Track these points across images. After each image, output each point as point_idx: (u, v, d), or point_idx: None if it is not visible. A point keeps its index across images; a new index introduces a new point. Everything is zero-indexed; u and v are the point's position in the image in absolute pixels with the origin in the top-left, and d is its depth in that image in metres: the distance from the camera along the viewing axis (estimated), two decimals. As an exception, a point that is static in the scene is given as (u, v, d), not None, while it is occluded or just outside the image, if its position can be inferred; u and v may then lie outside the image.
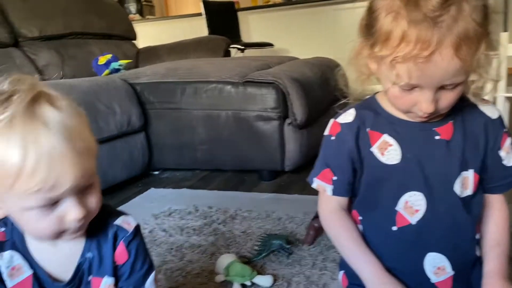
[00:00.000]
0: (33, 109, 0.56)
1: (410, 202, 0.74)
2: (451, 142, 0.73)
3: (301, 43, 4.30)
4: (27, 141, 0.54)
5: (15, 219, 0.63)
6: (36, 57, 2.33)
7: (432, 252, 0.75)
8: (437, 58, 0.60)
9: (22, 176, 0.54)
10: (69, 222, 0.61)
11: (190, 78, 1.96)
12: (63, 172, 0.56)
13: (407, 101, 0.68)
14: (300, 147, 1.88)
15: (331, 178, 0.79)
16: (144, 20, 5.17)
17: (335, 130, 0.79)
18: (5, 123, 0.54)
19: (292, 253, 1.20)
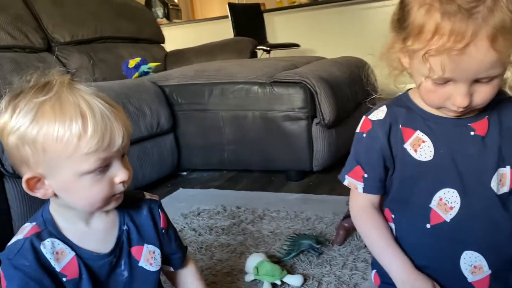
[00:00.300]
0: (73, 86, 0.65)
1: (445, 199, 0.73)
2: (487, 137, 0.72)
3: (328, 43, 4.27)
4: (82, 107, 0.63)
5: (64, 192, 0.67)
6: (67, 61, 2.39)
7: (468, 250, 0.73)
8: (472, 50, 0.59)
9: (84, 137, 0.62)
10: (118, 185, 0.68)
11: (217, 79, 1.98)
12: (114, 130, 0.64)
13: (441, 95, 0.66)
14: (328, 147, 1.86)
15: (362, 175, 0.78)
16: (171, 24, 5.24)
17: (366, 127, 0.78)
18: (55, 100, 0.63)
19: (322, 253, 1.19)
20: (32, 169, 0.65)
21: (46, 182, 0.66)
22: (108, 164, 0.66)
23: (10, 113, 0.64)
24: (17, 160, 0.66)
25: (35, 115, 0.62)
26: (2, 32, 2.10)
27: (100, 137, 0.62)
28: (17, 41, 2.17)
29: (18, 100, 0.64)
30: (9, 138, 0.64)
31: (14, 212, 1.37)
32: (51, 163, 0.64)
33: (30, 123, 0.62)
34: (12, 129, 0.63)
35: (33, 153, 0.63)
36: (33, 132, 0.62)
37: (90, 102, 0.64)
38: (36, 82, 0.66)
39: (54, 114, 0.62)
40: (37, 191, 0.67)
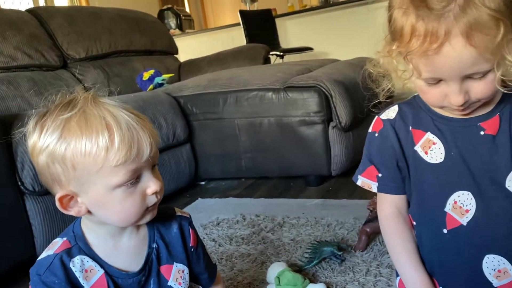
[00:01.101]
0: (97, 100, 0.66)
1: (459, 202, 0.70)
2: (498, 136, 0.68)
3: (341, 45, 4.23)
4: (107, 119, 0.63)
5: (98, 208, 0.66)
6: (83, 77, 2.42)
7: (490, 254, 0.70)
8: (448, 49, 0.58)
9: (112, 149, 0.61)
10: (150, 197, 0.67)
11: (231, 88, 1.97)
12: (141, 141, 0.64)
13: (436, 94, 0.65)
14: (346, 150, 1.84)
15: (375, 175, 0.77)
16: (184, 34, 5.28)
17: (378, 126, 0.77)
18: (80, 115, 0.63)
19: (344, 260, 1.17)
20: (64, 187, 0.65)
21: (79, 200, 0.66)
22: (138, 175, 0.65)
23: (38, 132, 0.64)
24: (49, 180, 0.66)
25: (62, 132, 0.62)
26: (18, 52, 2.14)
27: (127, 148, 0.62)
28: (33, 60, 2.20)
29: (45, 119, 0.64)
30: (39, 157, 0.64)
31: (35, 230, 1.38)
32: (82, 179, 0.64)
33: (58, 140, 0.62)
34: (41, 148, 0.64)
35: (63, 170, 0.63)
36: (62, 149, 0.62)
37: (115, 114, 0.64)
38: (60, 101, 0.66)
39: (80, 129, 0.62)
40: (71, 209, 0.67)
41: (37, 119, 0.66)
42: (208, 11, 7.30)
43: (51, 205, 1.39)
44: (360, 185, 0.80)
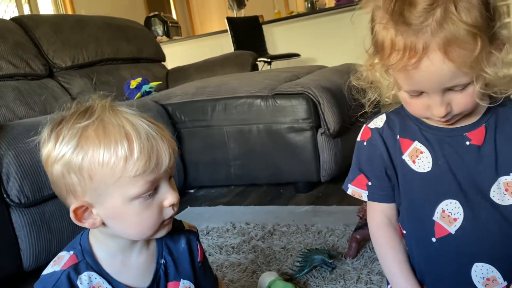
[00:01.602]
0: (115, 108, 0.64)
1: (447, 211, 0.71)
2: (483, 147, 0.69)
3: (328, 51, 4.26)
4: (126, 128, 0.61)
5: (113, 220, 0.64)
6: (69, 85, 2.40)
7: (478, 262, 0.70)
8: (426, 64, 0.58)
9: (131, 159, 0.60)
10: (167, 209, 0.65)
11: (219, 95, 1.97)
12: (161, 151, 0.62)
13: (419, 106, 0.66)
14: (335, 157, 1.84)
15: (365, 183, 0.78)
16: (171, 41, 5.27)
17: (366, 135, 0.78)
18: (98, 123, 0.61)
19: (335, 268, 1.16)
20: (79, 198, 0.63)
21: (94, 211, 0.64)
22: (156, 187, 0.64)
23: (53, 141, 0.62)
24: (63, 190, 0.63)
25: (79, 140, 0.60)
26: (3, 62, 2.11)
27: (147, 158, 0.60)
28: (18, 69, 2.18)
29: (60, 127, 0.62)
30: (54, 167, 0.62)
31: (22, 242, 1.35)
32: (98, 190, 0.61)
33: (74, 149, 0.60)
34: (57, 157, 0.61)
35: (79, 180, 0.61)
36: (78, 159, 0.60)
37: (134, 123, 0.62)
38: (77, 108, 0.64)
39: (98, 138, 0.60)
40: (85, 221, 0.64)
41: (52, 127, 0.64)
42: (195, 18, 7.30)
43: (37, 217, 1.37)
44: (351, 194, 0.81)
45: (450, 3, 0.56)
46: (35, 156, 1.36)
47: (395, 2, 0.59)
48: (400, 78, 0.63)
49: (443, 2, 0.57)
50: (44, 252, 1.39)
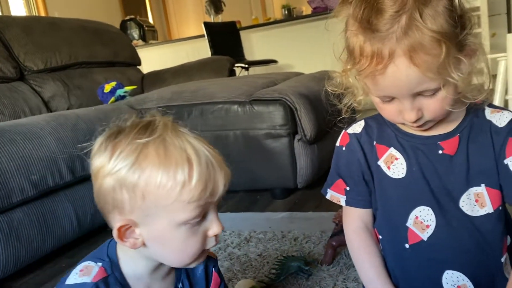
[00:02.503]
0: (177, 128, 0.61)
1: (420, 217, 0.72)
2: (455, 157, 0.70)
3: (305, 58, 4.30)
4: (188, 152, 0.58)
5: (156, 243, 0.62)
6: (41, 89, 2.34)
7: (449, 270, 0.71)
8: (393, 69, 0.60)
9: (188, 185, 0.57)
10: (210, 239, 0.63)
11: (196, 100, 1.95)
12: (217, 180, 0.60)
13: (392, 111, 0.67)
14: (311, 163, 1.85)
15: (344, 188, 0.79)
16: (147, 45, 5.22)
17: (345, 140, 0.79)
18: (159, 142, 0.58)
19: (311, 275, 1.16)
20: (124, 215, 0.60)
21: (137, 231, 0.61)
22: (204, 214, 0.61)
23: (109, 153, 0.59)
24: (109, 204, 0.60)
25: (137, 157, 0.57)
26: (-29, 63, 2.04)
27: (203, 186, 0.58)
28: (-13, 71, 2.11)
29: (118, 140, 0.59)
30: (105, 179, 0.59)
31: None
32: (148, 211, 0.59)
33: (132, 165, 0.57)
34: (111, 171, 0.58)
35: (130, 198, 0.58)
36: (135, 176, 0.57)
37: (196, 148, 0.59)
38: (136, 122, 0.61)
39: (158, 158, 0.57)
40: (127, 240, 0.61)
41: (108, 138, 0.61)
42: (172, 22, 7.25)
43: (5, 225, 1.32)
44: (329, 199, 0.81)
45: (415, 10, 0.57)
46: (2, 161, 1.31)
47: (364, 10, 0.60)
48: (370, 84, 0.64)
49: (409, 9, 0.58)
50: (12, 260, 1.33)
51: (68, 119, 1.61)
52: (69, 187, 1.55)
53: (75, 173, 1.53)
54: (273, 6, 6.54)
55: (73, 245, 1.61)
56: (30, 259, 1.41)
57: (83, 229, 1.60)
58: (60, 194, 1.52)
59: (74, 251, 1.58)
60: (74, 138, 1.55)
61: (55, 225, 1.47)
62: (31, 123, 1.52)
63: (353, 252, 0.80)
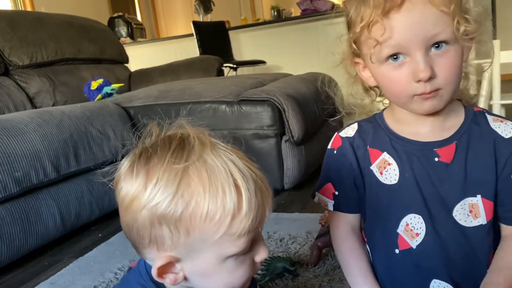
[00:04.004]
0: (218, 147, 0.53)
1: (411, 225, 0.71)
2: (451, 165, 0.68)
3: (293, 59, 4.31)
4: (235, 176, 0.51)
5: (200, 277, 0.55)
6: (27, 85, 2.30)
7: (436, 279, 0.70)
8: (408, 7, 0.60)
9: (239, 215, 0.50)
10: (257, 264, 0.57)
11: (184, 99, 1.94)
12: (265, 202, 0.53)
13: (403, 78, 0.64)
14: (298, 164, 1.85)
15: (332, 193, 0.77)
16: (135, 43, 5.18)
17: (337, 143, 0.77)
18: (200, 166, 0.50)
19: (297, 276, 1.16)
20: (164, 252, 0.52)
21: (177, 266, 0.54)
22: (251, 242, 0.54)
23: (143, 181, 0.51)
24: (145, 240, 0.52)
25: (179, 187, 0.49)
26: (-46, 57, 2.00)
27: (254, 215, 0.51)
28: (-29, 65, 2.07)
29: (151, 165, 0.51)
30: (142, 213, 0.51)
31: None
32: (192, 246, 0.51)
33: (173, 198, 0.49)
34: (147, 204, 0.50)
35: (172, 235, 0.51)
36: (178, 211, 0.49)
37: (241, 170, 0.51)
38: (166, 138, 0.53)
39: (202, 185, 0.49)
40: (166, 276, 0.54)
41: (137, 161, 0.52)
42: (160, 20, 7.21)
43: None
44: (317, 202, 0.80)
45: None
46: (-14, 157, 1.29)
47: None
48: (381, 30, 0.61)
49: None
50: (-7, 259, 1.31)
51: (53, 116, 1.59)
52: (53, 185, 1.53)
53: (59, 170, 1.51)
54: (262, 7, 6.56)
55: (56, 243, 1.59)
56: (12, 257, 1.39)
57: (67, 227, 1.58)
58: (44, 191, 1.49)
59: (57, 250, 1.56)
60: (59, 135, 1.53)
61: (38, 223, 1.45)
62: (15, 119, 1.49)
63: (340, 256, 0.79)
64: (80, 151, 1.61)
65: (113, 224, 1.75)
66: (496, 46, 2.06)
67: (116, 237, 1.58)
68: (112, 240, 1.56)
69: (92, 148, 1.68)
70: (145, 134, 0.56)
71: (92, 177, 1.68)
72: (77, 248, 1.56)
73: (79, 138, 1.61)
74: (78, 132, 1.63)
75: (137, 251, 0.56)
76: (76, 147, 1.59)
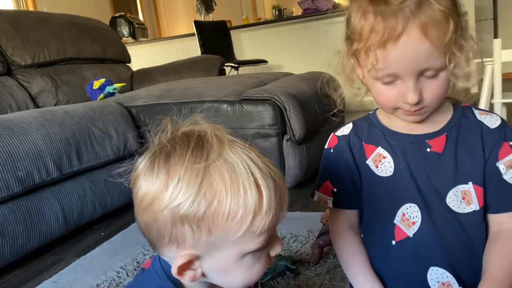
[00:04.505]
0: (233, 144, 0.53)
1: (407, 214, 0.73)
2: (443, 155, 0.72)
3: (295, 59, 4.32)
4: (255, 174, 0.50)
5: (218, 273, 0.56)
6: (29, 84, 2.31)
7: (434, 266, 0.72)
8: (405, 40, 0.62)
9: (260, 213, 0.50)
10: (272, 259, 0.58)
11: (186, 99, 1.95)
12: (284, 201, 0.54)
13: (392, 96, 0.68)
14: (299, 163, 1.86)
15: (331, 190, 0.80)
16: (137, 43, 5.19)
17: (333, 143, 0.80)
18: (221, 165, 0.50)
19: (298, 274, 1.17)
20: (185, 250, 0.52)
21: (196, 263, 0.54)
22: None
23: (163, 180, 0.50)
24: (165, 238, 0.52)
25: (201, 186, 0.49)
26: (-43, 57, 2.01)
27: (274, 212, 0.51)
28: (-27, 65, 2.08)
29: (172, 164, 0.51)
30: (163, 213, 0.50)
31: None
32: (213, 244, 0.52)
33: (195, 197, 0.49)
34: (169, 204, 0.50)
35: (194, 234, 0.51)
36: (200, 210, 0.49)
37: (261, 168, 0.51)
38: (183, 136, 0.53)
39: (224, 184, 0.49)
40: (185, 273, 0.54)
41: (155, 160, 0.52)
42: (162, 20, 7.22)
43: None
44: (317, 201, 0.82)
45: None
46: (-11, 157, 1.30)
47: None
48: (377, 58, 0.64)
49: None
50: (-4, 258, 1.32)
51: (56, 115, 1.60)
52: (55, 184, 1.54)
53: (62, 170, 1.52)
54: (263, 6, 6.56)
55: (59, 242, 1.60)
56: (15, 256, 1.40)
57: (69, 226, 1.58)
58: (47, 191, 1.50)
59: (60, 249, 1.57)
60: (61, 134, 1.54)
61: (40, 222, 1.45)
62: (18, 118, 1.50)
63: (339, 252, 0.81)
64: (82, 150, 1.61)
65: (115, 223, 1.76)
66: (498, 45, 2.06)
67: (118, 236, 1.59)
68: (115, 238, 1.57)
69: (95, 148, 1.68)
70: (160, 131, 0.55)
71: (94, 176, 1.69)
72: (80, 247, 1.56)
73: (81, 137, 1.62)
74: (81, 131, 1.63)
75: (154, 249, 0.56)
76: (79, 146, 1.60)
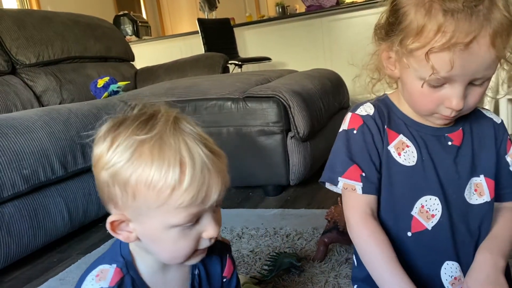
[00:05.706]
0: (178, 126, 0.58)
1: (426, 206, 0.72)
2: (461, 148, 0.73)
3: (299, 56, 4.31)
4: (182, 154, 0.56)
5: (149, 240, 0.61)
6: (33, 83, 2.32)
7: (450, 260, 0.72)
8: (475, 47, 0.59)
9: (179, 189, 0.55)
10: (204, 240, 0.62)
11: (189, 97, 1.95)
12: (211, 186, 0.57)
13: (435, 99, 0.66)
14: (304, 160, 1.85)
15: (359, 174, 0.72)
16: (140, 41, 5.19)
17: (356, 123, 0.74)
18: (155, 141, 0.56)
19: (303, 271, 1.17)
20: (119, 210, 0.60)
21: (131, 225, 0.60)
22: (198, 218, 0.59)
23: (107, 145, 0.58)
24: (105, 197, 0.61)
25: (132, 154, 0.56)
26: (-38, 56, 2.02)
27: (195, 192, 0.55)
28: (-22, 64, 2.09)
29: (118, 132, 0.58)
30: (102, 172, 0.59)
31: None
32: (139, 210, 0.58)
33: (125, 162, 0.56)
34: (106, 164, 0.58)
35: (122, 195, 0.58)
36: (126, 174, 0.56)
37: (192, 150, 0.56)
38: (140, 113, 0.59)
39: (151, 157, 0.55)
40: (120, 232, 0.61)
41: (110, 128, 0.60)
42: (165, 18, 7.22)
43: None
44: (341, 188, 0.74)
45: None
46: (-6, 155, 1.30)
47: None
48: (439, 61, 0.61)
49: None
50: (3, 255, 1.33)
51: (61, 114, 1.60)
52: (61, 182, 1.54)
53: (67, 168, 1.52)
54: (267, 3, 6.54)
55: (65, 240, 1.61)
56: (21, 254, 1.41)
57: (75, 224, 1.59)
58: (52, 189, 1.51)
59: (65, 246, 1.58)
60: (66, 132, 1.54)
61: (46, 220, 1.46)
62: (23, 117, 1.51)
63: (361, 242, 0.72)
64: (87, 148, 1.62)
65: (120, 221, 1.76)
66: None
67: (123, 234, 1.60)
68: (120, 236, 1.58)
69: (99, 146, 1.69)
70: (128, 108, 0.62)
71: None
72: (85, 245, 1.57)
73: (86, 135, 1.62)
74: (85, 130, 1.64)
75: (105, 206, 0.63)
76: (83, 144, 1.61)
